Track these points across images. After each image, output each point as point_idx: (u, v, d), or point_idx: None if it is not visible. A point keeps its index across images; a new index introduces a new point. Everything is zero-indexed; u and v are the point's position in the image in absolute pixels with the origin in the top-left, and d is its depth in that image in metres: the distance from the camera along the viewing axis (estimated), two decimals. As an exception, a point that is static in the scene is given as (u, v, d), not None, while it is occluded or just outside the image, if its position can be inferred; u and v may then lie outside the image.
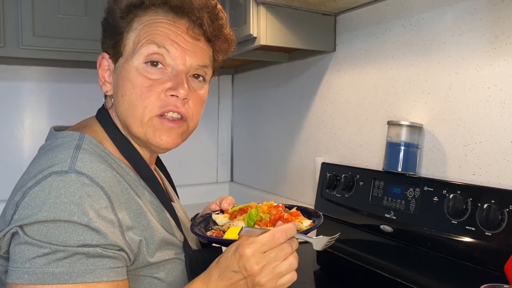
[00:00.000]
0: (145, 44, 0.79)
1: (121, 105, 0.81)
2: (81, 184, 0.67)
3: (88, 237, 0.65)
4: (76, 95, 2.06)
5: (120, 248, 0.69)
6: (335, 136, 1.58)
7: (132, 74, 0.79)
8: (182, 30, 0.81)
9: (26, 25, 1.63)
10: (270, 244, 0.68)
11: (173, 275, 0.80)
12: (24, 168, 0.75)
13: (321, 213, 0.90)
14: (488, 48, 1.06)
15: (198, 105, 0.85)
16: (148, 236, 0.76)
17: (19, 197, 0.67)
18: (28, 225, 0.65)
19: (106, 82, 0.85)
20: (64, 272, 0.64)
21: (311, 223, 0.87)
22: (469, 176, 1.10)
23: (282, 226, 0.71)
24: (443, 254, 1.06)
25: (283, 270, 0.69)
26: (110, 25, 0.82)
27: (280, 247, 0.69)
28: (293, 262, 0.70)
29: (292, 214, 0.89)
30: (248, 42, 1.48)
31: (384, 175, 1.25)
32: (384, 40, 1.36)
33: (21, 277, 0.63)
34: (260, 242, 0.68)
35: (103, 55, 0.85)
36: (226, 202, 0.99)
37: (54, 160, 0.70)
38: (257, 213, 0.84)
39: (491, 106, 1.05)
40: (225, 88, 2.44)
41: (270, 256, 0.68)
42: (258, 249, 0.68)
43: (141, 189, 0.81)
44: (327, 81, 1.62)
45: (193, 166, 2.38)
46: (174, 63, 0.80)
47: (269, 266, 0.68)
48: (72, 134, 0.78)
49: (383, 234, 1.23)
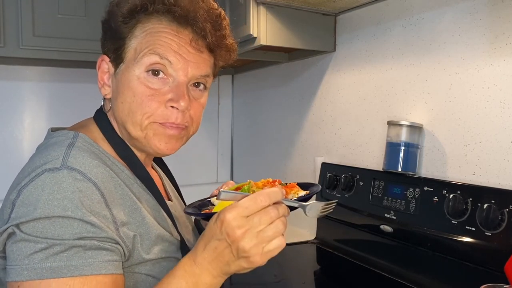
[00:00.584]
0: (147, 54, 0.78)
1: (121, 111, 0.80)
2: (73, 179, 0.67)
3: (83, 230, 0.66)
4: (76, 95, 2.06)
5: (116, 241, 0.69)
6: (335, 136, 1.58)
7: (134, 83, 0.78)
8: (185, 41, 0.79)
9: (26, 25, 1.63)
10: (253, 208, 0.64)
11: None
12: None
13: (319, 185, 0.84)
14: (488, 48, 1.06)
15: (198, 112, 0.85)
16: (143, 232, 0.76)
17: (15, 196, 0.68)
18: (24, 223, 0.65)
19: (105, 85, 0.84)
20: (62, 266, 0.64)
21: (306, 192, 0.80)
22: (469, 176, 1.10)
23: (266, 189, 0.67)
24: (443, 254, 1.06)
25: (269, 234, 0.65)
26: (112, 29, 0.81)
27: (264, 210, 0.65)
28: (280, 226, 0.66)
29: (288, 186, 0.84)
30: (248, 42, 1.48)
31: (384, 175, 1.25)
32: (384, 40, 1.36)
33: (21, 274, 0.64)
34: (242, 206, 0.64)
35: (103, 58, 0.84)
36: (227, 186, 0.98)
37: (47, 158, 0.70)
38: (250, 188, 0.80)
39: (491, 106, 1.05)
40: (225, 88, 2.44)
41: (254, 220, 0.64)
42: (239, 213, 0.64)
43: (136, 187, 0.81)
44: (327, 81, 1.62)
45: (193, 166, 2.38)
46: (176, 74, 0.79)
47: (253, 230, 0.64)
48: (66, 133, 0.78)
49: (383, 234, 1.23)
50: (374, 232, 1.26)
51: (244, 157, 2.34)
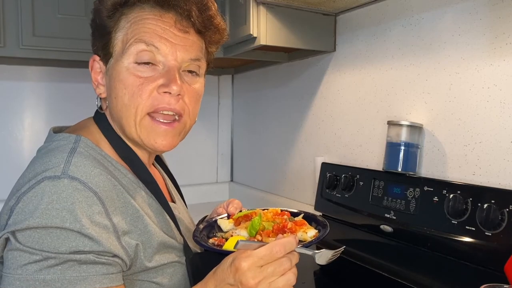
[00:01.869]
0: (133, 43, 0.77)
1: (115, 106, 0.79)
2: (74, 189, 0.66)
3: (80, 244, 0.65)
4: (76, 95, 2.06)
5: (114, 254, 0.68)
6: (335, 136, 1.58)
7: (123, 75, 0.77)
8: (170, 24, 0.78)
9: (26, 25, 1.63)
10: (267, 258, 0.66)
11: (174, 279, 0.79)
12: (24, 168, 0.75)
13: (327, 223, 0.86)
14: (488, 48, 1.06)
15: (193, 100, 0.83)
16: (145, 240, 0.75)
17: (14, 202, 0.67)
18: (20, 231, 0.64)
19: (100, 85, 0.83)
20: (55, 279, 0.63)
21: (316, 233, 0.82)
22: (469, 176, 1.10)
23: (281, 240, 0.68)
24: (443, 254, 1.06)
25: (280, 286, 0.67)
26: (98, 26, 0.81)
27: (278, 261, 0.67)
28: (291, 278, 0.68)
29: (297, 223, 0.85)
30: (248, 42, 1.47)
31: (384, 175, 1.25)
32: (384, 40, 1.36)
33: (13, 284, 0.63)
34: (257, 256, 0.66)
35: (94, 58, 0.84)
36: (233, 206, 0.96)
37: (48, 164, 0.69)
38: (260, 222, 0.81)
39: (491, 106, 1.05)
40: (225, 88, 2.44)
41: (267, 271, 0.66)
42: (254, 263, 0.66)
43: (139, 191, 0.80)
44: (327, 81, 1.62)
45: (193, 166, 2.38)
46: (164, 60, 0.78)
47: (266, 281, 0.66)
48: (68, 136, 0.77)
49: (383, 234, 1.23)
50: (374, 232, 1.26)
51: (244, 157, 2.34)
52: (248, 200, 2.13)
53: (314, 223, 0.88)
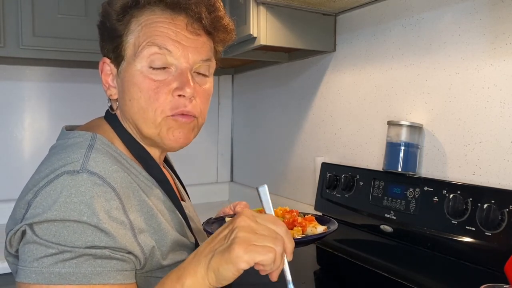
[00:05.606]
0: (146, 46, 0.77)
1: (130, 109, 0.80)
2: (93, 184, 0.67)
3: (96, 239, 0.65)
4: (76, 95, 2.06)
5: (129, 251, 0.69)
6: (335, 136, 1.58)
7: (137, 78, 0.78)
8: (182, 27, 0.79)
9: (26, 25, 1.63)
10: (269, 220, 0.64)
11: None
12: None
13: (336, 222, 0.89)
14: (488, 48, 1.06)
15: (205, 100, 0.84)
16: (159, 238, 0.76)
17: (31, 196, 0.67)
18: (37, 224, 0.64)
19: (111, 87, 0.84)
20: (70, 273, 0.63)
21: (325, 228, 0.85)
22: (469, 176, 1.10)
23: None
24: (443, 254, 1.06)
25: (264, 240, 0.62)
26: (108, 29, 0.81)
27: (272, 229, 0.63)
28: (278, 244, 0.62)
29: (306, 219, 0.88)
30: (248, 42, 1.48)
31: (384, 175, 1.25)
32: (384, 40, 1.36)
33: (29, 276, 0.63)
34: (262, 215, 0.66)
35: (104, 60, 0.84)
36: (240, 206, 0.98)
37: (66, 159, 0.70)
38: None
39: (491, 106, 1.05)
40: (225, 88, 2.44)
41: (261, 225, 0.63)
42: (256, 215, 0.64)
43: (154, 190, 0.81)
44: (327, 81, 1.62)
45: (193, 166, 2.38)
46: (177, 62, 0.79)
47: (256, 229, 0.63)
48: (84, 134, 0.77)
49: (383, 234, 1.23)
50: (374, 232, 1.26)
51: (244, 157, 2.34)
52: (248, 200, 2.12)
53: (321, 222, 0.91)
